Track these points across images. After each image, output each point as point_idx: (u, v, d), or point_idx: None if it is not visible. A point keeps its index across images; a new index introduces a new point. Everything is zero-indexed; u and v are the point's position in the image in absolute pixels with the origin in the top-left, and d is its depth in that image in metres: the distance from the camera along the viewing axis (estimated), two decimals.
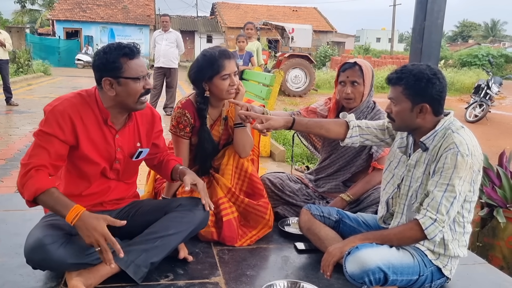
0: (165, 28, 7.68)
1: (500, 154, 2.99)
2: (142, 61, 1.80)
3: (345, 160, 2.53)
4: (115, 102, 1.79)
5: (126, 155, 1.92)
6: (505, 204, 2.72)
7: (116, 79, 1.74)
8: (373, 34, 49.61)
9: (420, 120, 1.76)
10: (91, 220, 1.62)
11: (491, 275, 2.10)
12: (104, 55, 1.73)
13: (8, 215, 2.50)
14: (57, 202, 1.65)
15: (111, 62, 1.72)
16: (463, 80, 16.61)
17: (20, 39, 18.40)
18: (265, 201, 2.35)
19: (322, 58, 20.60)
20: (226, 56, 2.19)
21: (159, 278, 1.86)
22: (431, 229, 1.66)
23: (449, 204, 1.66)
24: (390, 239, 1.76)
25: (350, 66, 2.38)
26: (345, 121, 2.08)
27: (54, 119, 1.73)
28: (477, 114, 9.94)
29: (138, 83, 1.76)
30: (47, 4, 34.95)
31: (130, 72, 1.74)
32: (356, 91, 2.37)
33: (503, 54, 22.98)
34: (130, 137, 1.93)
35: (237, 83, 2.22)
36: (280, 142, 5.66)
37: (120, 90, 1.75)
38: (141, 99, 1.80)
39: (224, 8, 33.50)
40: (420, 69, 1.72)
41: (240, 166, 2.33)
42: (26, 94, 10.69)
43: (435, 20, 2.71)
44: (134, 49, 1.76)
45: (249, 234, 2.30)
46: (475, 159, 1.68)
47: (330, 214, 2.12)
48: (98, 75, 1.76)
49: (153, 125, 2.00)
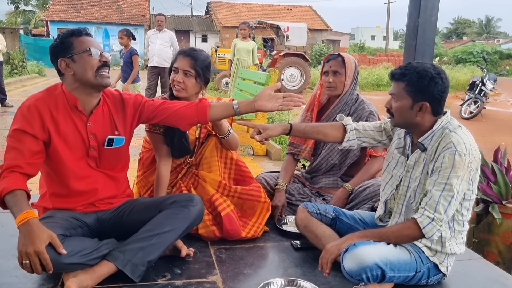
0: (160, 27, 7.65)
1: (495, 150, 3.01)
2: (92, 39, 1.84)
3: (338, 154, 2.57)
4: (77, 82, 1.82)
5: (100, 142, 1.90)
6: (500, 200, 2.74)
7: (70, 57, 1.79)
8: (368, 32, 49.64)
9: (419, 118, 1.76)
10: (36, 231, 1.56)
11: (486, 270, 2.11)
12: (56, 40, 1.83)
13: (4, 217, 2.48)
14: (16, 203, 1.62)
15: (61, 43, 1.79)
16: (458, 77, 16.66)
17: (14, 40, 18.30)
18: (256, 184, 2.36)
19: (317, 57, 20.58)
20: (181, 53, 2.24)
21: (156, 278, 1.86)
22: (429, 228, 1.67)
23: (447, 203, 1.66)
24: (388, 237, 1.77)
25: (333, 58, 2.54)
26: (342, 124, 2.09)
27: (21, 115, 1.76)
28: (472, 111, 9.99)
29: (91, 55, 1.80)
30: (41, 4, 34.75)
31: (81, 46, 1.79)
32: (338, 80, 2.50)
33: (498, 51, 23.11)
34: (105, 124, 1.91)
35: (183, 81, 2.17)
36: (276, 141, 5.66)
37: (76, 67, 1.80)
38: (100, 72, 1.81)
39: (218, 7, 33.42)
40: (424, 67, 1.73)
41: (224, 155, 2.35)
42: (21, 95, 10.62)
43: (428, 18, 2.72)
44: (82, 29, 1.84)
45: (250, 223, 2.30)
46: (472, 158, 1.69)
47: (326, 212, 2.12)
48: (54, 59, 1.81)
49: (125, 108, 1.96)
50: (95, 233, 1.93)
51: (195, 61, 2.19)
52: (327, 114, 2.60)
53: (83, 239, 1.80)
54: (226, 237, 2.22)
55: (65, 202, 1.89)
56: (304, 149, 2.67)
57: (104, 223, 1.96)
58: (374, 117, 2.51)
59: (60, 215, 1.84)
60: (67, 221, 1.82)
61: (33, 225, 1.58)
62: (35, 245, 1.55)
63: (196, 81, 2.20)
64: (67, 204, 1.89)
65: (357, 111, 2.53)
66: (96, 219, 1.95)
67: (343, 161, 2.59)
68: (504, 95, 14.11)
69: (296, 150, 2.70)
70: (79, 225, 1.87)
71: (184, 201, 1.94)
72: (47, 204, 1.91)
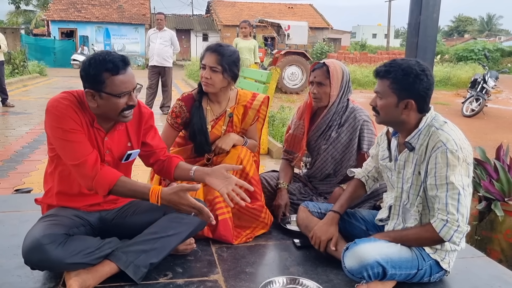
0: (159, 26, 7.65)
1: (497, 147, 3.00)
2: (128, 76, 1.72)
3: (332, 164, 2.52)
4: (97, 111, 1.77)
5: (116, 157, 1.90)
6: (503, 197, 2.73)
7: (98, 92, 1.70)
8: (369, 30, 49.58)
9: (404, 116, 1.75)
10: (172, 197, 1.73)
11: (489, 268, 2.10)
12: (89, 67, 1.68)
13: (5, 216, 2.49)
14: (133, 188, 1.76)
15: (93, 75, 1.67)
16: (460, 75, 16.63)
17: (15, 40, 18.29)
18: (261, 204, 2.34)
19: (318, 55, 20.57)
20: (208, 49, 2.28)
21: (158, 277, 1.86)
22: (445, 231, 1.65)
23: (456, 202, 1.64)
24: (408, 240, 1.76)
25: (319, 67, 2.41)
26: (359, 180, 2.12)
27: (66, 114, 1.72)
28: (474, 109, 9.96)
29: (119, 99, 1.72)
30: (42, 4, 34.78)
31: (112, 88, 1.69)
32: (322, 91, 2.40)
33: (499, 48, 23.03)
34: (120, 139, 1.90)
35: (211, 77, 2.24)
36: (278, 140, 5.65)
37: (101, 103, 1.72)
38: (123, 113, 1.76)
39: (219, 6, 33.40)
40: (409, 64, 1.71)
41: (242, 168, 2.31)
42: (22, 95, 10.65)
43: (430, 15, 2.71)
44: (120, 63, 1.68)
45: (244, 234, 2.30)
46: (465, 151, 1.67)
47: (327, 211, 2.11)
48: (83, 84, 1.75)
49: (140, 122, 1.96)
50: (98, 231, 1.93)
51: (222, 57, 2.23)
52: (317, 124, 2.51)
53: (86, 238, 1.80)
54: (216, 239, 2.22)
55: (70, 201, 1.89)
56: (296, 157, 2.61)
57: (107, 222, 1.96)
58: (368, 123, 2.44)
59: (63, 213, 1.84)
60: (70, 220, 1.82)
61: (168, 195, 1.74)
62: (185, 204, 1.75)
63: (223, 77, 2.26)
64: (72, 203, 1.89)
65: (349, 120, 2.45)
66: (99, 218, 1.95)
67: (337, 170, 2.54)
68: (506, 93, 14.08)
69: (289, 157, 2.66)
70: (82, 224, 1.87)
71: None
72: (51, 201, 1.91)
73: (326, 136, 2.49)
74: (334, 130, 2.47)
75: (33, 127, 6.54)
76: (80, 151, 1.72)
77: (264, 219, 2.33)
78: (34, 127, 6.53)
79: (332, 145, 2.48)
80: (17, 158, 4.78)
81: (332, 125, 2.47)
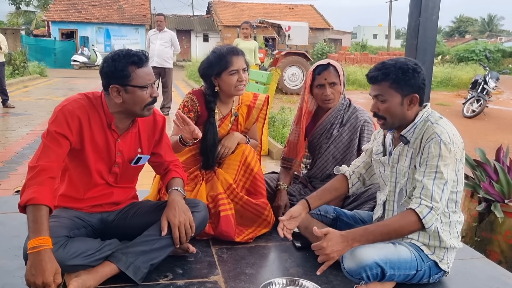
0: (159, 27, 7.65)
1: (497, 149, 3.00)
2: (150, 69, 1.80)
3: (332, 164, 2.51)
4: (121, 108, 1.81)
5: (126, 159, 1.92)
6: (503, 198, 2.73)
7: (124, 87, 1.75)
8: (370, 30, 49.58)
9: (409, 112, 1.77)
10: (47, 262, 1.54)
11: (489, 269, 2.10)
12: (113, 62, 1.73)
13: (7, 218, 2.50)
14: (36, 220, 1.57)
15: (119, 70, 1.72)
16: (460, 76, 16.63)
17: (16, 41, 18.31)
18: (265, 201, 2.35)
19: (319, 56, 20.53)
20: (234, 52, 2.29)
21: (158, 278, 1.87)
22: (429, 218, 1.65)
23: (440, 191, 1.66)
24: (389, 234, 1.70)
25: (325, 68, 2.40)
26: (342, 174, 2.11)
27: (63, 118, 1.73)
28: (475, 109, 9.95)
29: (145, 91, 1.77)
30: (42, 5, 34.83)
31: (138, 81, 1.75)
32: (336, 91, 2.42)
33: (500, 49, 22.98)
34: (131, 142, 1.93)
35: (246, 79, 2.30)
36: (278, 141, 5.66)
37: (127, 97, 1.77)
38: (148, 106, 1.81)
39: (220, 6, 33.41)
40: (401, 61, 1.74)
41: (247, 164, 2.35)
42: (23, 96, 10.66)
43: (430, 16, 2.72)
44: (143, 57, 1.76)
45: (246, 232, 2.31)
46: (456, 147, 1.70)
47: (327, 212, 2.13)
48: (106, 82, 1.77)
49: (154, 131, 2.00)
50: (99, 233, 1.94)
51: None
52: (321, 123, 2.51)
53: (86, 240, 1.81)
54: (218, 236, 2.23)
55: (73, 203, 1.90)
56: (295, 162, 2.61)
57: (108, 223, 1.97)
58: (369, 124, 2.45)
59: (65, 214, 1.85)
60: (71, 221, 1.83)
61: (45, 256, 1.54)
62: (44, 277, 1.52)
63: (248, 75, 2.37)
64: (75, 205, 1.90)
65: (351, 120, 2.47)
66: (100, 219, 1.96)
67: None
68: (507, 94, 14.08)
69: (288, 164, 2.65)
70: (83, 225, 1.88)
71: (189, 207, 1.94)
72: None
73: (328, 134, 2.51)
74: (335, 129, 2.49)
75: (34, 128, 6.55)
76: (45, 157, 1.67)
77: (267, 217, 2.34)
78: (35, 128, 6.54)
79: (334, 144, 2.50)
80: (17, 159, 4.79)
81: (334, 123, 2.49)
